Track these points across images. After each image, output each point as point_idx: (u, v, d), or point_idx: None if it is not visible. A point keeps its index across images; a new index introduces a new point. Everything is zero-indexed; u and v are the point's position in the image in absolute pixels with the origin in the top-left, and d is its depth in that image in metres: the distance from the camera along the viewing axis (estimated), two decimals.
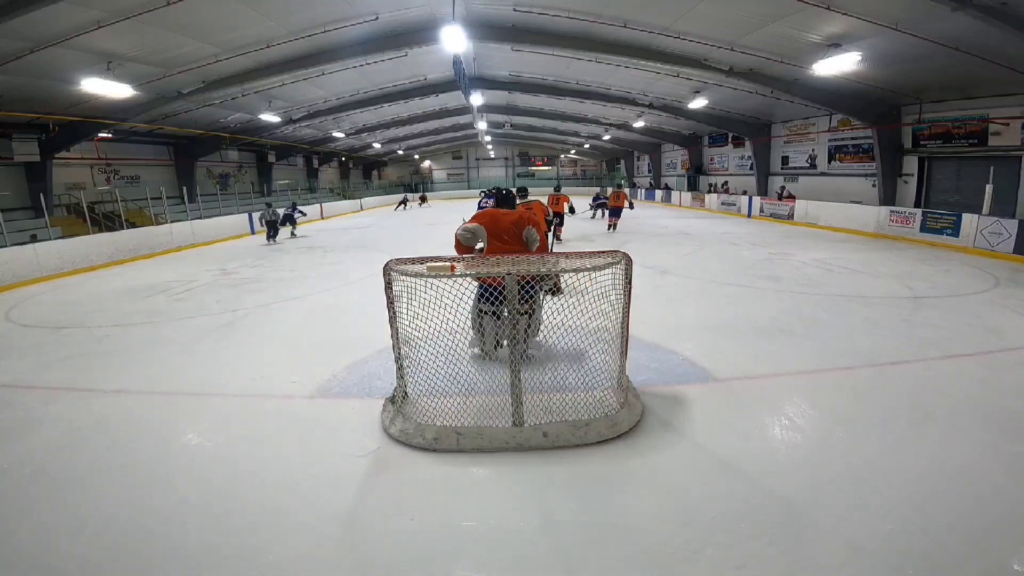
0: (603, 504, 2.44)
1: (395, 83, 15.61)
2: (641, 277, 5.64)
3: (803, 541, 2.15)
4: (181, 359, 4.69)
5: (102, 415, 3.56)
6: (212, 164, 20.21)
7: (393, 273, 2.93)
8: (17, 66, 8.52)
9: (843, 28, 8.28)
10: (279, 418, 3.43)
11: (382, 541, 2.24)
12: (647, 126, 20.76)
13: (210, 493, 2.60)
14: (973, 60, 8.54)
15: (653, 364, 4.12)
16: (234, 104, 14.00)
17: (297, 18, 9.06)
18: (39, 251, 9.55)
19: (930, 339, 4.58)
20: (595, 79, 14.80)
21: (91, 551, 2.22)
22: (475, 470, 2.78)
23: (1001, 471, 2.58)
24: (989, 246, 9.12)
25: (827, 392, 3.63)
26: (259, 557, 2.15)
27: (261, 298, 7.08)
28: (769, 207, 16.44)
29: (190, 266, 10.25)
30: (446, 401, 3.13)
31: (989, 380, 3.71)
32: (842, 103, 12.47)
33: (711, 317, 5.44)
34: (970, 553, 2.05)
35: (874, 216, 12.24)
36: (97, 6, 7.21)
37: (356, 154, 30.63)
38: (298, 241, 14.30)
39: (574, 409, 3.09)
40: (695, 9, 8.48)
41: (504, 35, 10.73)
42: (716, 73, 11.30)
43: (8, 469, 2.90)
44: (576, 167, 39.80)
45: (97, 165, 15.56)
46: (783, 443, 2.99)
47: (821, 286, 6.81)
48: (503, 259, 3.15)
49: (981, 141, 10.75)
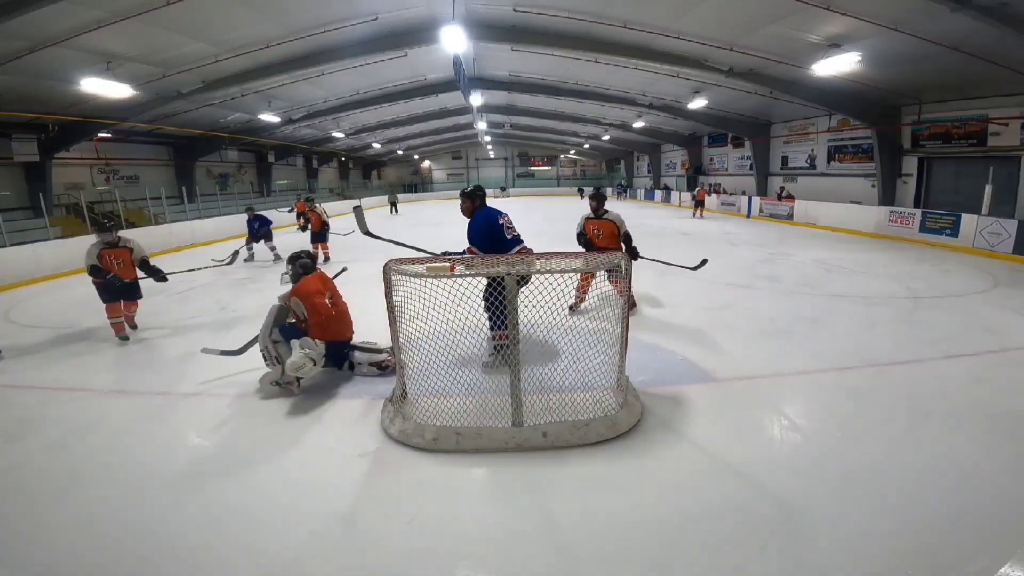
0: (603, 504, 2.44)
1: (395, 83, 15.61)
2: (641, 277, 5.65)
3: (803, 541, 2.15)
4: (181, 359, 4.69)
5: (101, 415, 3.56)
6: (212, 164, 20.20)
7: (393, 274, 2.93)
8: (17, 66, 8.51)
9: (843, 28, 8.29)
10: (279, 418, 3.43)
11: (381, 541, 2.24)
12: (647, 126, 20.76)
13: (209, 493, 2.60)
14: (973, 60, 8.54)
15: (653, 364, 4.12)
16: (234, 104, 13.99)
17: (297, 18, 9.06)
18: (39, 251, 9.54)
19: (929, 339, 4.58)
20: (594, 79, 14.80)
21: (91, 551, 2.22)
22: (475, 470, 2.79)
23: (1001, 471, 2.58)
24: (988, 246, 9.13)
25: (827, 392, 3.63)
26: (259, 557, 2.15)
27: (261, 298, 7.06)
28: (769, 207, 16.44)
29: (190, 266, 10.22)
30: (446, 401, 3.13)
31: (989, 380, 3.71)
32: (842, 103, 12.48)
33: (711, 317, 5.44)
34: (970, 553, 2.05)
35: (874, 216, 12.24)
36: (97, 6, 7.21)
37: (356, 154, 30.62)
38: (297, 240, 14.17)
39: (574, 409, 3.09)
40: (695, 9, 8.48)
41: (504, 35, 10.73)
42: (716, 73, 11.30)
43: (8, 469, 2.90)
44: (576, 167, 39.81)
45: (96, 165, 15.56)
46: (783, 443, 2.99)
47: (821, 286, 6.81)
48: (503, 259, 3.15)
49: (980, 141, 10.76)
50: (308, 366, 3.58)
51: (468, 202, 4.35)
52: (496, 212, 4.27)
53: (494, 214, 4.24)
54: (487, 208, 4.34)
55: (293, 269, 4.07)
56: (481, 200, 4.38)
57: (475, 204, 4.34)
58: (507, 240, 4.15)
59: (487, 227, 4.17)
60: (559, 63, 13.07)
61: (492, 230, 4.16)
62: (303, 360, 3.56)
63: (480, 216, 4.27)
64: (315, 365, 3.65)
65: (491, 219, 4.20)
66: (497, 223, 4.17)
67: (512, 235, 4.22)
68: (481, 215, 4.27)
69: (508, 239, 4.16)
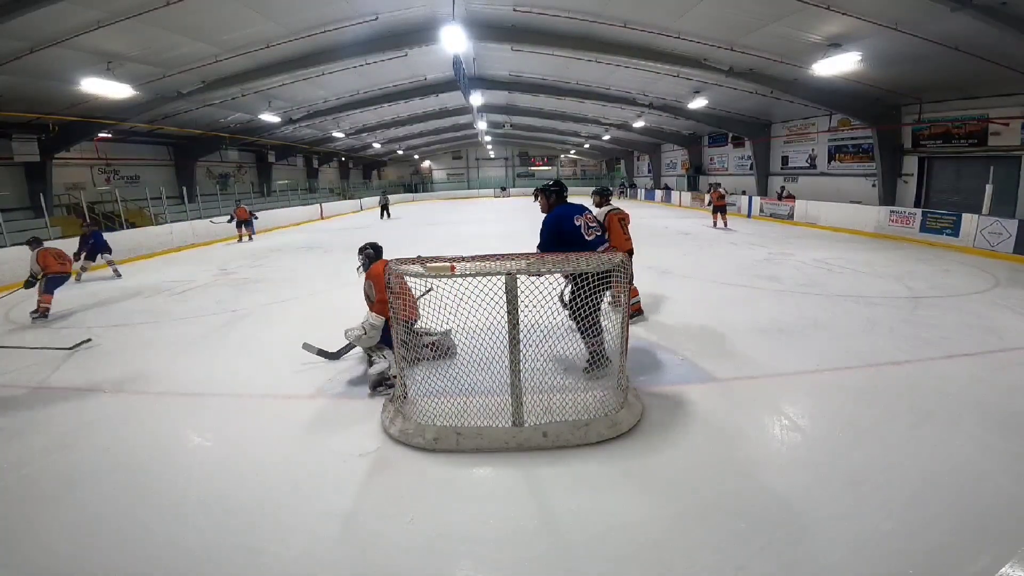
0: (603, 504, 2.44)
1: (395, 83, 15.62)
2: (641, 277, 5.64)
3: (803, 541, 2.15)
4: (181, 359, 4.69)
5: (102, 415, 3.56)
6: (212, 164, 20.22)
7: (393, 273, 2.93)
8: (17, 66, 8.52)
9: (843, 28, 8.29)
10: (279, 418, 3.43)
11: (382, 541, 2.24)
12: (647, 126, 20.76)
13: (210, 493, 2.60)
14: (973, 60, 8.54)
15: (653, 364, 4.12)
16: (234, 104, 14.00)
17: (297, 18, 9.07)
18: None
19: (930, 339, 4.58)
20: (595, 79, 14.80)
21: (91, 551, 2.22)
22: (475, 470, 2.78)
23: (1001, 471, 2.58)
24: (989, 246, 9.12)
25: (827, 392, 3.63)
26: (258, 557, 2.15)
27: (261, 298, 7.08)
28: (769, 207, 16.44)
29: (190, 266, 10.25)
30: (446, 401, 3.13)
31: (989, 380, 3.70)
32: (842, 103, 12.47)
33: (711, 317, 5.44)
34: (970, 553, 2.05)
35: (874, 216, 12.24)
36: (97, 6, 7.21)
37: (356, 154, 30.63)
38: (298, 240, 14.25)
39: (574, 409, 3.09)
40: (695, 9, 8.48)
41: (504, 35, 10.73)
42: (716, 73, 11.31)
43: (8, 469, 2.90)
44: (576, 167, 39.81)
45: (97, 165, 15.58)
46: (783, 443, 2.99)
47: (821, 286, 6.80)
48: (502, 258, 3.14)
49: (981, 141, 10.75)
50: (357, 333, 3.76)
51: (544, 199, 3.94)
52: (573, 210, 3.81)
53: (570, 212, 3.77)
54: (564, 205, 3.85)
55: (364, 257, 4.24)
56: (558, 196, 3.90)
57: (550, 201, 3.90)
58: (587, 242, 3.67)
59: (558, 229, 3.73)
60: (559, 63, 13.08)
61: (563, 230, 3.70)
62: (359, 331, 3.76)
63: (551, 217, 3.81)
64: (364, 335, 3.76)
65: (565, 219, 3.73)
66: (572, 223, 3.70)
67: (594, 235, 3.76)
68: (553, 215, 3.81)
69: (588, 240, 3.70)
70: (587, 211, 3.89)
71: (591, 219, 3.84)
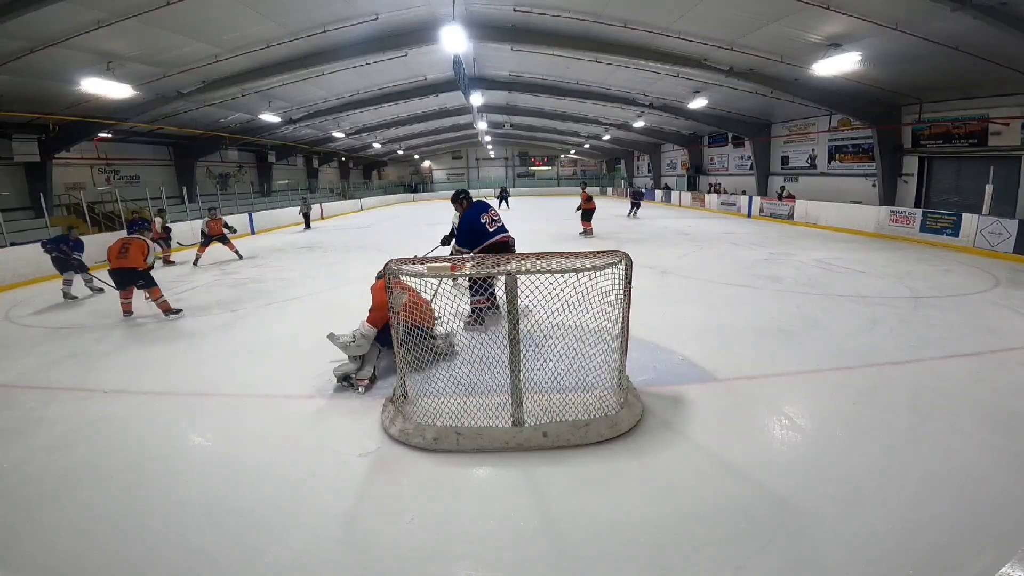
0: (603, 504, 2.44)
1: (395, 83, 15.61)
2: (641, 277, 5.64)
3: (803, 541, 2.15)
4: (181, 359, 4.69)
5: (102, 415, 3.56)
6: (212, 164, 20.21)
7: (394, 273, 2.93)
8: (17, 66, 8.51)
9: (843, 28, 8.28)
10: (279, 418, 3.44)
11: (382, 541, 2.24)
12: (647, 126, 20.76)
13: (210, 493, 2.60)
14: (973, 60, 8.54)
15: (653, 364, 4.12)
16: (234, 104, 14.00)
17: (297, 18, 9.06)
18: (39, 251, 9.50)
19: (930, 339, 4.58)
20: (595, 79, 14.80)
21: (91, 551, 2.22)
22: (475, 470, 2.78)
23: (1001, 471, 2.58)
24: (989, 246, 9.12)
25: (827, 392, 3.63)
26: (259, 557, 2.15)
27: (261, 298, 7.08)
28: (769, 207, 16.44)
29: (189, 265, 10.24)
30: (446, 401, 3.13)
31: (989, 380, 3.70)
32: (842, 103, 12.47)
33: (711, 317, 5.44)
34: (970, 553, 2.05)
35: (874, 216, 12.24)
36: (97, 6, 7.21)
37: (356, 154, 30.63)
38: (298, 241, 14.24)
39: (574, 409, 3.09)
40: (695, 9, 8.48)
41: (504, 35, 10.73)
42: (716, 73, 11.30)
43: (8, 469, 2.90)
44: (576, 167, 39.81)
45: (97, 165, 15.56)
46: (783, 443, 2.99)
47: (821, 286, 6.80)
48: (502, 258, 3.15)
49: (981, 141, 10.75)
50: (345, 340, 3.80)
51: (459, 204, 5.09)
52: (481, 209, 4.90)
53: (478, 212, 4.87)
54: (475, 207, 4.98)
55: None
56: (468, 200, 5.06)
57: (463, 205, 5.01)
58: (488, 233, 4.74)
59: (470, 224, 4.83)
60: (559, 63, 13.07)
61: (475, 224, 4.79)
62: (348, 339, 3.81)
63: (466, 216, 4.92)
64: (353, 342, 3.79)
65: (475, 217, 4.84)
66: (480, 220, 4.79)
67: (495, 227, 4.79)
68: (467, 215, 4.92)
69: (490, 231, 4.76)
70: (491, 209, 4.98)
71: (494, 215, 4.94)
